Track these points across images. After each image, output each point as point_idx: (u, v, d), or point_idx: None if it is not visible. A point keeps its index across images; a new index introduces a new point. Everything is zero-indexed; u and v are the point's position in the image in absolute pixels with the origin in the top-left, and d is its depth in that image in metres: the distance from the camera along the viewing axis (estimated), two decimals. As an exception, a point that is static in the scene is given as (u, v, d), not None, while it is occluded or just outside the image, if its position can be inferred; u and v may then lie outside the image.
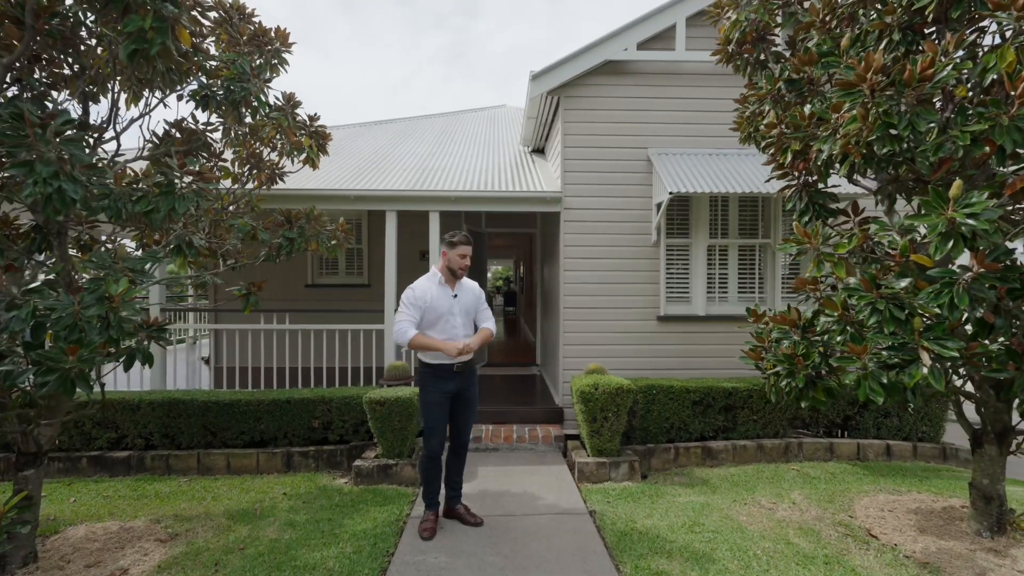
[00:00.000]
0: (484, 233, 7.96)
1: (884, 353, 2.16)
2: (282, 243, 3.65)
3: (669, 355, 5.40)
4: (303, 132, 3.97)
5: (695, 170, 5.11)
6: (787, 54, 3.24)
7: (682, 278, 5.53)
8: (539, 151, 7.52)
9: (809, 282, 3.08)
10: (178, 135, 3.52)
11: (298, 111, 3.91)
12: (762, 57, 3.47)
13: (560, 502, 3.71)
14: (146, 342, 2.68)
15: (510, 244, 15.92)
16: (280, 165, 4.22)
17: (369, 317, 5.61)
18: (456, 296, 3.22)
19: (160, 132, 3.46)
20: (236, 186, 4.03)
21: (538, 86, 5.27)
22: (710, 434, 4.91)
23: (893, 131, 2.00)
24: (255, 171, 4.15)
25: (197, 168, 2.64)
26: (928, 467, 4.57)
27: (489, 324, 3.32)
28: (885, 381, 2.13)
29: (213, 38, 3.63)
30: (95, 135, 3.17)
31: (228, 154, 4.03)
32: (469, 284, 3.33)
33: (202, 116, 3.55)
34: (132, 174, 2.83)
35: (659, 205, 5.25)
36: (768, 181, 3.28)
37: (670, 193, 4.75)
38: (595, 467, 4.24)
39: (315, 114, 3.95)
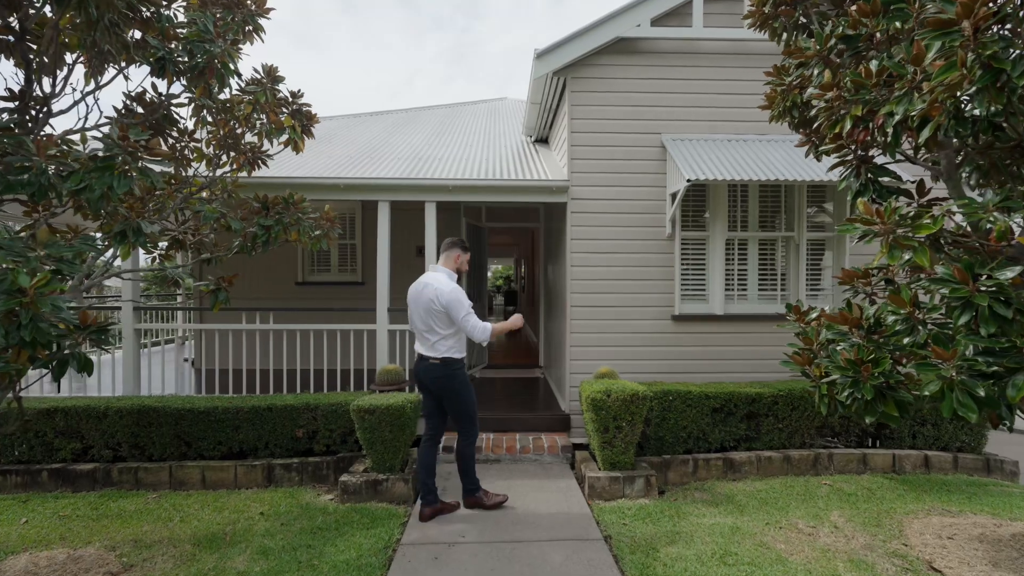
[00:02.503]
0: (484, 228, 7.54)
1: (979, 359, 1.75)
2: (257, 232, 3.23)
3: (685, 357, 4.99)
4: (285, 110, 3.55)
5: (714, 157, 4.69)
6: (833, 14, 2.83)
7: (698, 274, 5.12)
8: (543, 141, 7.11)
9: (859, 275, 2.68)
10: (140, 109, 3.11)
11: (280, 87, 3.49)
12: (802, 20, 3.06)
13: (570, 525, 3.29)
14: (84, 345, 2.25)
15: (510, 242, 15.50)
16: (261, 148, 3.80)
17: (363, 316, 5.19)
18: None
19: (120, 108, 3.06)
20: (209, 170, 3.60)
21: (543, 65, 4.85)
22: (731, 444, 4.50)
23: (1000, 81, 1.59)
24: (232, 154, 3.73)
25: (144, 140, 2.20)
26: (973, 481, 4.16)
27: None
28: (983, 393, 1.71)
29: (183, 2, 3.22)
30: (38, 107, 2.77)
31: (203, 134, 3.63)
32: None
33: (173, 90, 3.15)
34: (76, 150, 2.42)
35: (674, 195, 4.84)
36: (809, 156, 2.87)
37: (688, 181, 4.34)
38: (608, 482, 3.82)
39: (299, 90, 3.54)
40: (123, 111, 3.07)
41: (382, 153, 6.21)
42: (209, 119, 3.45)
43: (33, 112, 2.77)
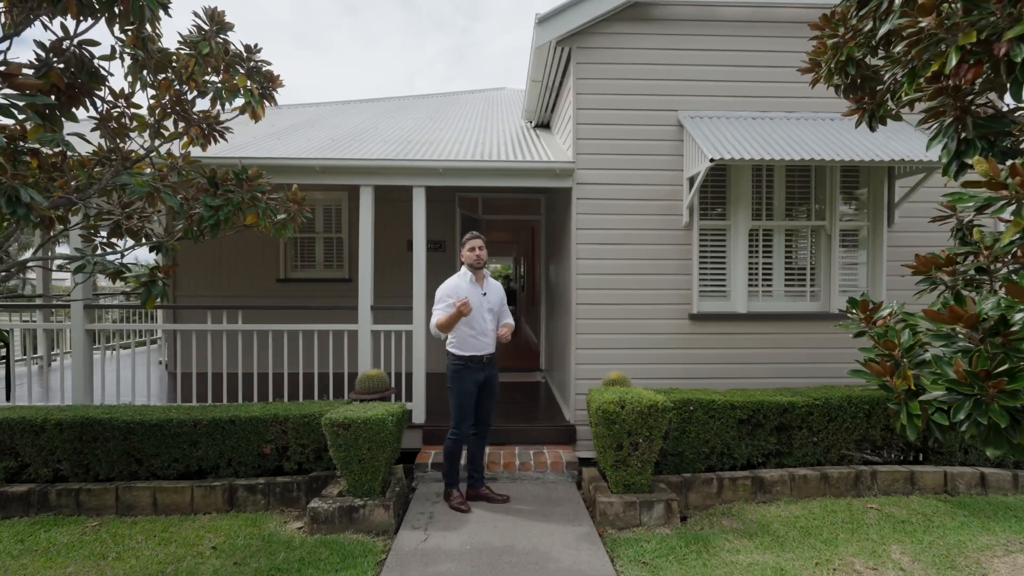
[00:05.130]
0: (481, 221, 7.00)
1: None
2: (203, 213, 2.68)
3: (703, 361, 4.45)
4: (240, 69, 3.01)
5: (738, 135, 4.16)
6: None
7: (718, 269, 4.58)
8: (544, 126, 6.57)
9: (941, 262, 2.15)
10: (58, 64, 2.57)
11: (230, 37, 2.94)
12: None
13: (580, 565, 2.75)
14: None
15: (509, 240, 14.96)
16: (216, 116, 3.25)
17: (350, 315, 4.62)
18: (485, 294, 3.52)
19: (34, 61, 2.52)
20: (151, 142, 3.05)
21: (545, 32, 4.31)
22: (758, 460, 3.97)
23: None
24: (182, 124, 3.18)
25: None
26: (1039, 504, 3.62)
27: (510, 320, 3.68)
28: None
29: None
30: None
31: (146, 100, 3.08)
32: (495, 285, 3.65)
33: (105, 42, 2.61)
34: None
35: (692, 179, 4.31)
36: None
37: (711, 161, 3.80)
38: (622, 508, 3.28)
39: (255, 45, 2.99)
40: (37, 63, 2.52)
41: (369, 137, 5.66)
42: (150, 79, 2.91)
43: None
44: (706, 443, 3.86)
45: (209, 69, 2.89)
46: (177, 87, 2.92)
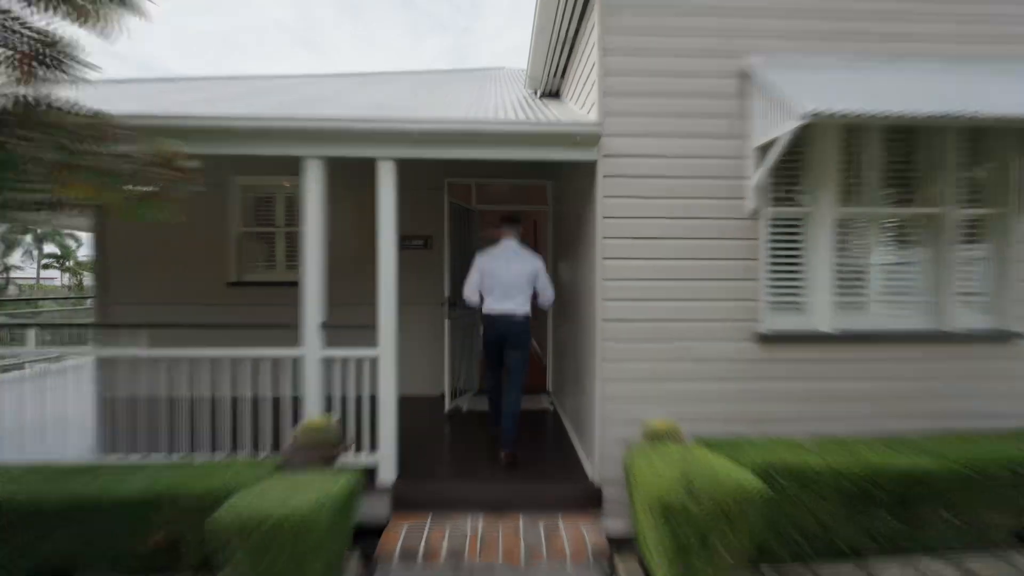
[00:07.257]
0: (475, 211, 5.79)
1: None
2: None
3: (776, 399, 3.26)
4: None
5: (834, 85, 2.96)
6: None
7: (793, 271, 3.38)
8: (553, 95, 5.35)
9: None
10: None
11: None
12: None
13: None
14: None
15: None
16: (49, 35, 2.04)
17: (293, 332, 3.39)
18: None
19: None
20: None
21: (562, -60, 3.10)
22: (867, 544, 2.77)
23: None
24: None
25: None
26: None
27: None
28: None
29: None
30: None
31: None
32: None
33: None
34: None
35: (764, 148, 3.10)
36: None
37: (804, 117, 2.60)
38: (690, 652, 2.08)
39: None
40: None
41: (328, 104, 4.43)
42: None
43: None
44: (795, 522, 2.67)
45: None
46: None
